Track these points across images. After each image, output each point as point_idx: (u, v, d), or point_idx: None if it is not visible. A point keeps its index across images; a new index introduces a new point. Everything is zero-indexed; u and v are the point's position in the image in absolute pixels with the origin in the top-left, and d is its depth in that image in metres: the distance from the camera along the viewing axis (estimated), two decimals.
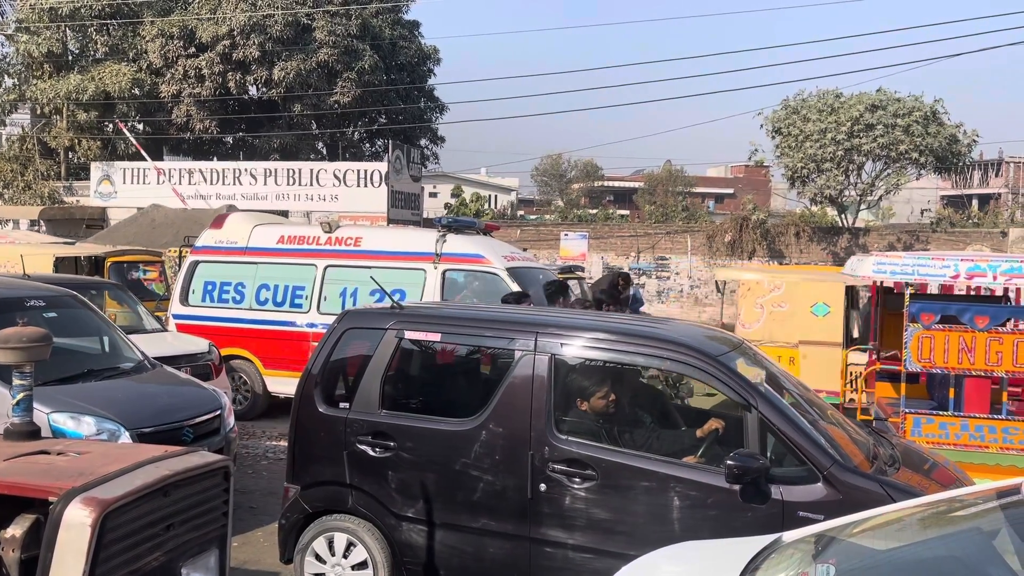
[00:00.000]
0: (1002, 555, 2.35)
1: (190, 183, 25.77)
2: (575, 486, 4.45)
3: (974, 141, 24.39)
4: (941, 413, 5.72)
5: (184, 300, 10.50)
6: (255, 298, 10.24)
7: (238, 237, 10.40)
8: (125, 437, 5.79)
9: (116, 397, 6.25)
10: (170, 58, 28.15)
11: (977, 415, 5.57)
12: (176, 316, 10.50)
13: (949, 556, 2.52)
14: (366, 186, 24.56)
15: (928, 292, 7.39)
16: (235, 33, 27.46)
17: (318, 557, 4.97)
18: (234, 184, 25.52)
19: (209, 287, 10.36)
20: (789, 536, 3.10)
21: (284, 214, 24.95)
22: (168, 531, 2.97)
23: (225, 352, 9.69)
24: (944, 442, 5.50)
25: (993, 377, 5.62)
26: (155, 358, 7.48)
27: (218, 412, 6.67)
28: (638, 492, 4.37)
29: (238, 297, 10.35)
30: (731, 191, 62.28)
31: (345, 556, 4.91)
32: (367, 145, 33.22)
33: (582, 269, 16.47)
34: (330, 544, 4.95)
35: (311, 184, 25.02)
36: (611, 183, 66.51)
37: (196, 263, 10.52)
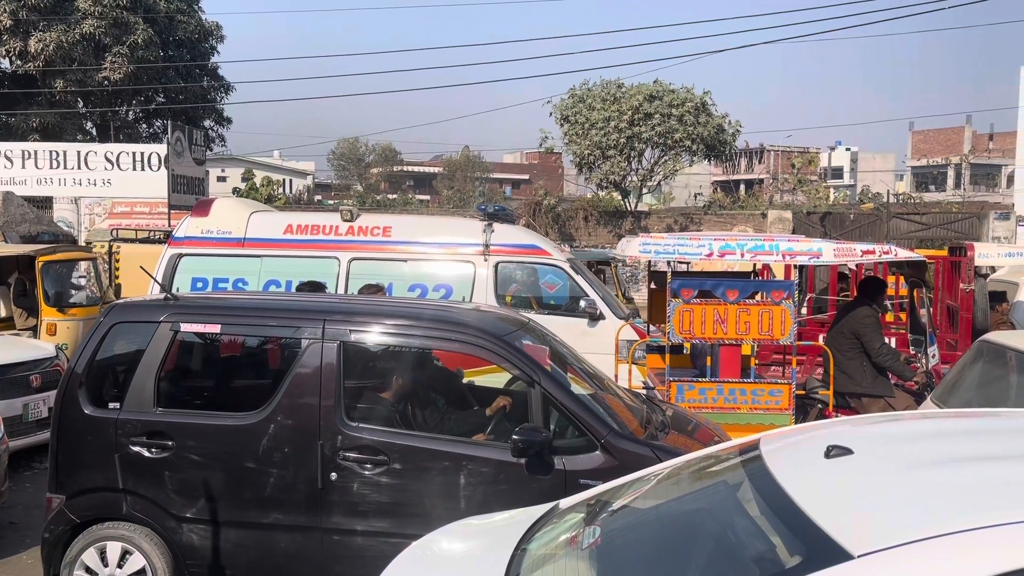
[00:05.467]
0: (744, 505, 2.62)
1: None
2: (367, 472, 4.43)
3: (738, 131, 26.78)
4: (700, 380, 6.28)
5: None
6: None
7: (232, 226, 8.99)
8: None
9: None
10: None
11: (729, 380, 6.17)
12: None
13: (700, 509, 2.78)
14: (143, 170, 22.82)
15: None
16: None
17: (88, 570, 4.62)
18: None
19: (199, 284, 8.87)
20: (565, 503, 3.27)
21: (48, 200, 22.71)
22: None
23: None
24: (703, 406, 6.04)
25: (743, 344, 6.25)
26: None
27: None
28: (431, 473, 4.43)
29: None
30: (527, 177, 64.17)
31: (120, 566, 4.59)
32: (144, 126, 30.92)
33: None
34: (102, 554, 4.61)
35: (79, 167, 22.87)
36: (410, 168, 66.38)
37: (178, 256, 8.95)
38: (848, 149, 64.25)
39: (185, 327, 4.77)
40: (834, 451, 2.57)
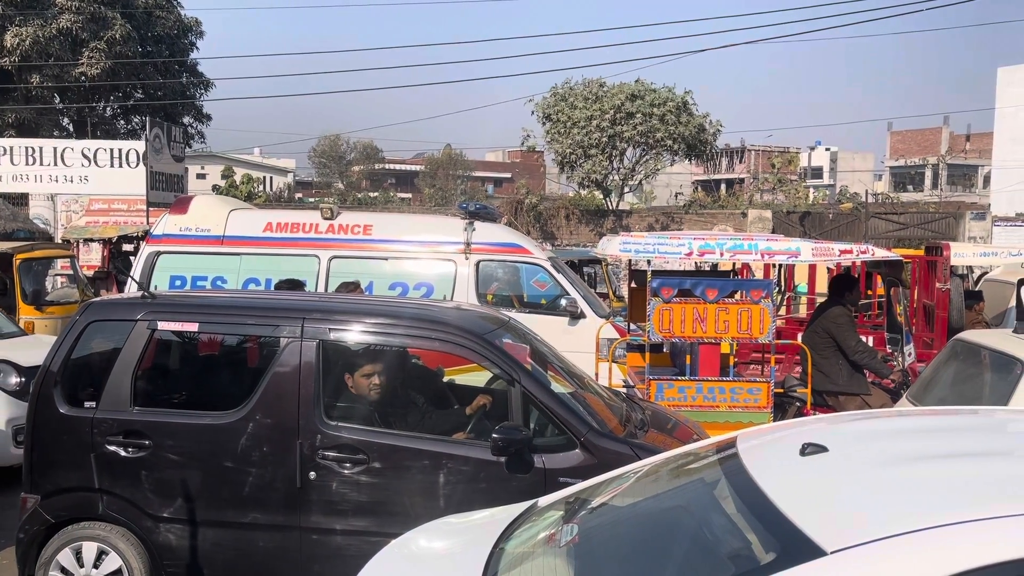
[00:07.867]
0: (720, 502, 2.64)
1: None
2: (347, 471, 4.42)
3: (719, 130, 26.90)
4: (680, 378, 6.32)
5: None
6: None
7: (211, 224, 8.92)
8: None
9: None
10: None
11: (709, 378, 6.22)
12: None
13: (677, 507, 2.80)
14: (121, 166, 22.55)
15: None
16: None
17: (64, 570, 4.57)
18: None
19: (177, 282, 8.78)
20: (544, 501, 3.28)
21: (24, 197, 22.44)
22: None
23: None
24: (683, 404, 6.09)
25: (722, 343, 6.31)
26: (28, 367, 6.66)
27: None
28: (411, 472, 4.42)
29: None
30: (509, 175, 64.17)
31: (96, 566, 4.55)
32: (122, 122, 30.58)
33: None
34: (78, 555, 4.57)
35: (55, 164, 22.55)
36: (392, 166, 66.20)
37: (156, 254, 8.87)
38: (828, 149, 64.72)
39: (162, 325, 4.73)
40: (809, 449, 2.60)
